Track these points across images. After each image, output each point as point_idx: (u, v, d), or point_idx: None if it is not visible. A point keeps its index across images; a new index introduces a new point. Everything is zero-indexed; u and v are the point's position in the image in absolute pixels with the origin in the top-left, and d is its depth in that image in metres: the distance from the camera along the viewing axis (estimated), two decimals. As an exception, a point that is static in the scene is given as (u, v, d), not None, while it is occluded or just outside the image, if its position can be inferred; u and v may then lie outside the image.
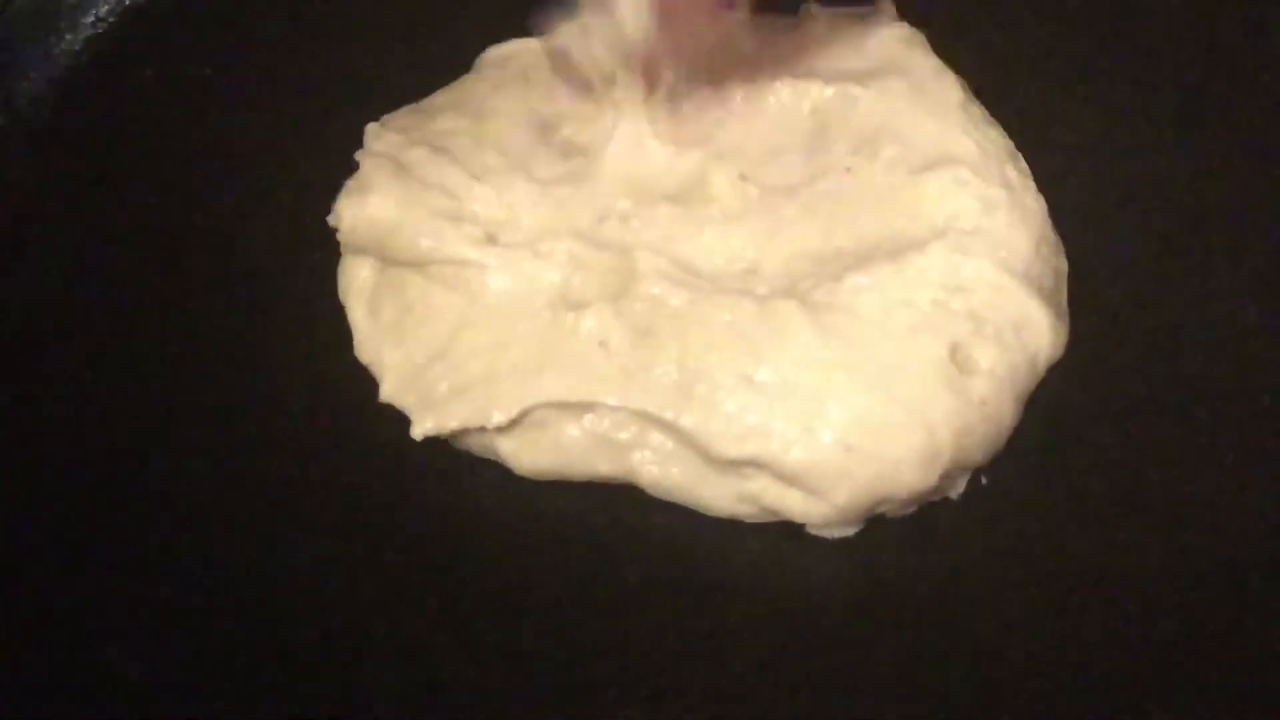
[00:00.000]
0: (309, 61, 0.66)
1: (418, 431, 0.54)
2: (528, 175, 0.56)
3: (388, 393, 0.55)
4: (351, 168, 0.58)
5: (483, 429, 0.53)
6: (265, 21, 0.67)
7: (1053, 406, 0.54)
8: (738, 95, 0.58)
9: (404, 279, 0.56)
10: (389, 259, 0.57)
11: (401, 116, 0.60)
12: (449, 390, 0.54)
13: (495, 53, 0.61)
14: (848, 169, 0.56)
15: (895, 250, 0.54)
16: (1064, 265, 0.56)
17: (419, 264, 0.56)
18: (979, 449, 0.52)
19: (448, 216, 0.56)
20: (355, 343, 0.57)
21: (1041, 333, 0.53)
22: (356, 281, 0.58)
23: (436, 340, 0.55)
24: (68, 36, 0.66)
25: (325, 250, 0.58)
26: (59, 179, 0.63)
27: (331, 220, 0.58)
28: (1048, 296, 0.54)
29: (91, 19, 0.66)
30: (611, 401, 0.52)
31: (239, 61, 0.66)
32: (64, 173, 0.63)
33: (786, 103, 0.58)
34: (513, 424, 0.53)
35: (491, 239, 0.55)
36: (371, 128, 0.59)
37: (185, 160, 0.63)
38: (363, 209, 0.57)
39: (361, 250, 0.58)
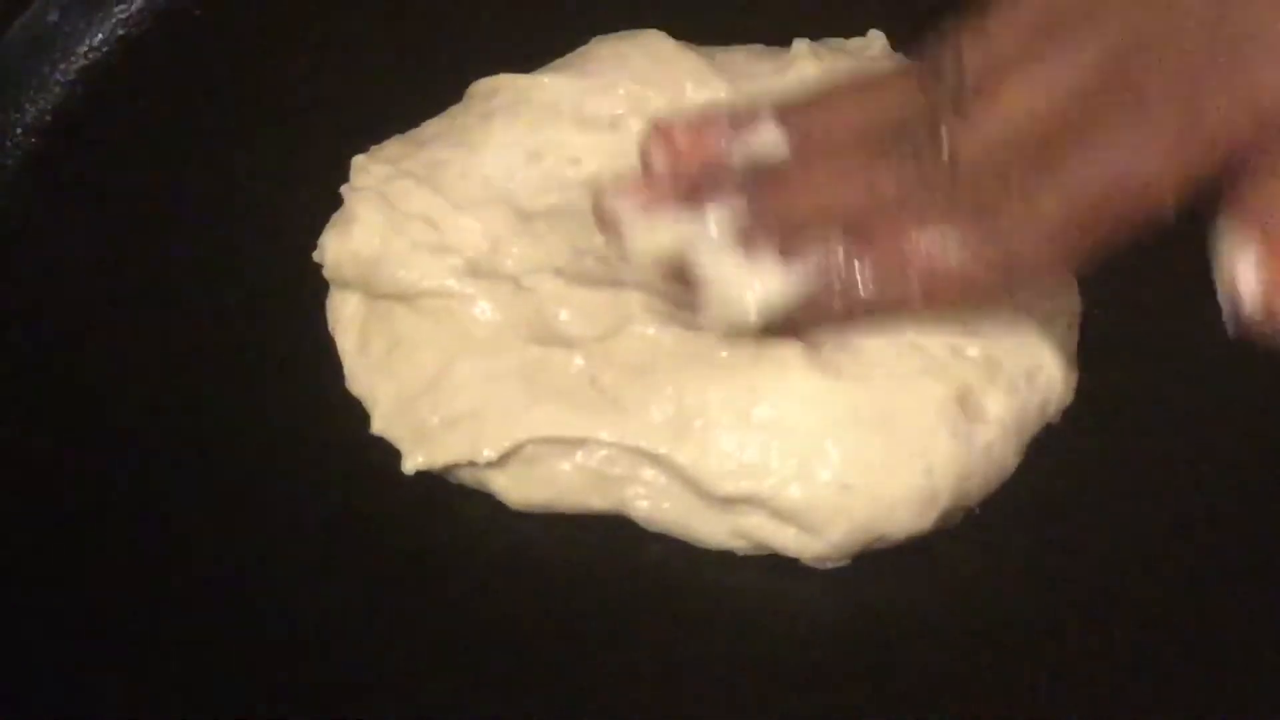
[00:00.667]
0: (304, 92, 0.65)
1: (409, 466, 0.54)
2: (511, 207, 0.57)
3: (379, 426, 0.55)
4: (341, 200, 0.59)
5: (473, 464, 0.53)
6: (258, 52, 0.67)
7: (1051, 437, 0.54)
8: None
9: (392, 311, 0.57)
10: (374, 292, 0.57)
11: (390, 147, 0.60)
12: (439, 424, 0.54)
13: (484, 85, 0.61)
14: None
15: None
16: (1077, 304, 0.56)
17: (403, 296, 0.56)
18: (979, 492, 0.53)
19: (430, 248, 0.56)
20: (346, 375, 0.57)
21: (1054, 380, 0.53)
22: (345, 314, 0.58)
23: (426, 373, 0.55)
24: (61, 66, 0.65)
25: (319, 281, 0.58)
26: (51, 209, 0.63)
27: (316, 256, 0.58)
28: (1061, 341, 0.54)
29: (85, 48, 0.66)
30: (604, 437, 0.52)
31: (233, 92, 0.66)
32: (55, 203, 0.63)
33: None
34: (504, 459, 0.53)
35: (474, 270, 0.55)
36: (358, 160, 0.59)
37: (179, 190, 0.63)
38: (346, 243, 0.57)
39: (347, 284, 0.58)
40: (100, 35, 0.66)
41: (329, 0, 0.68)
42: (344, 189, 0.58)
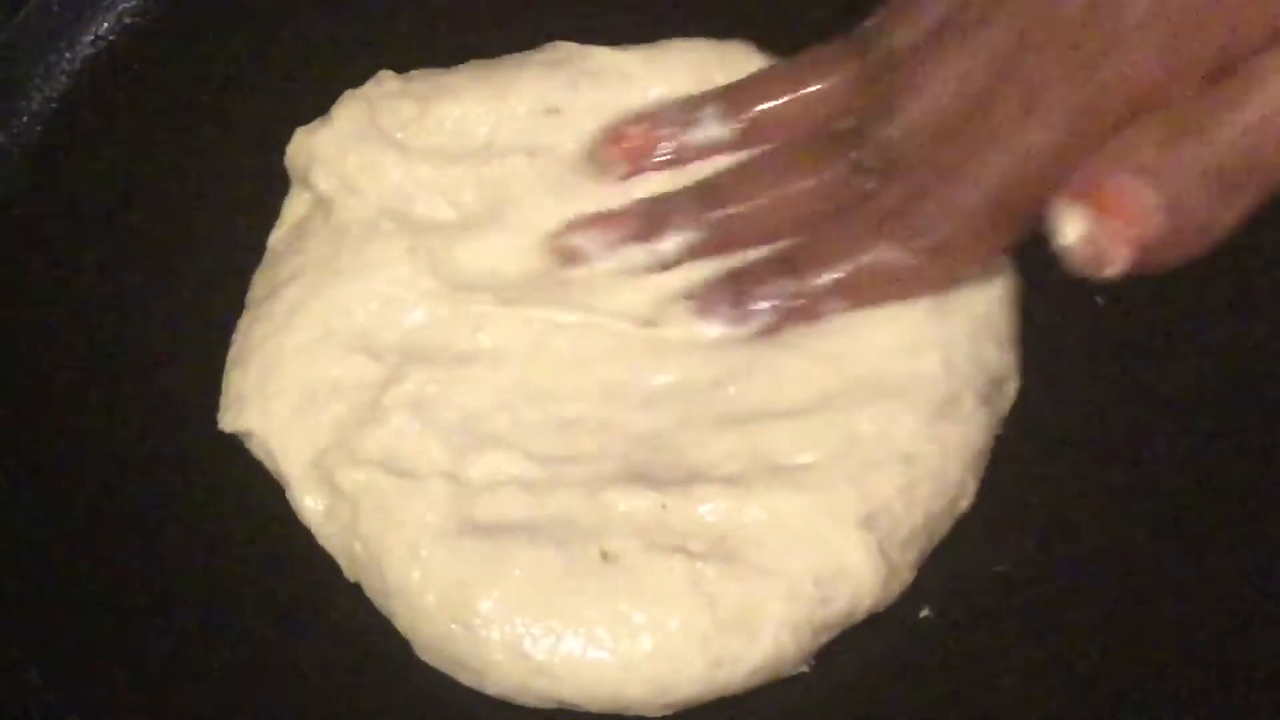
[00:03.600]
0: (314, 81, 0.64)
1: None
2: (473, 162, 0.57)
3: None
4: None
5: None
6: (269, 37, 0.66)
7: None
8: None
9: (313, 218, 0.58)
10: (311, 187, 0.58)
11: (419, 73, 0.61)
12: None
13: (548, 46, 0.61)
14: None
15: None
16: (964, 496, 0.53)
17: (322, 201, 0.57)
18: (754, 684, 0.50)
19: (367, 169, 0.57)
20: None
21: (860, 587, 0.50)
22: (289, 210, 0.60)
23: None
24: (67, 55, 0.66)
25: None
26: (56, 198, 0.64)
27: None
28: (894, 543, 0.51)
29: (91, 37, 0.66)
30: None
31: (242, 78, 0.65)
32: (61, 192, 0.64)
33: None
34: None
35: (391, 213, 0.56)
36: (383, 73, 0.60)
37: (188, 178, 0.63)
38: (308, 139, 0.58)
39: (298, 179, 0.59)
40: (106, 24, 0.66)
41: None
42: (348, 91, 0.60)
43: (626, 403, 0.52)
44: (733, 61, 0.58)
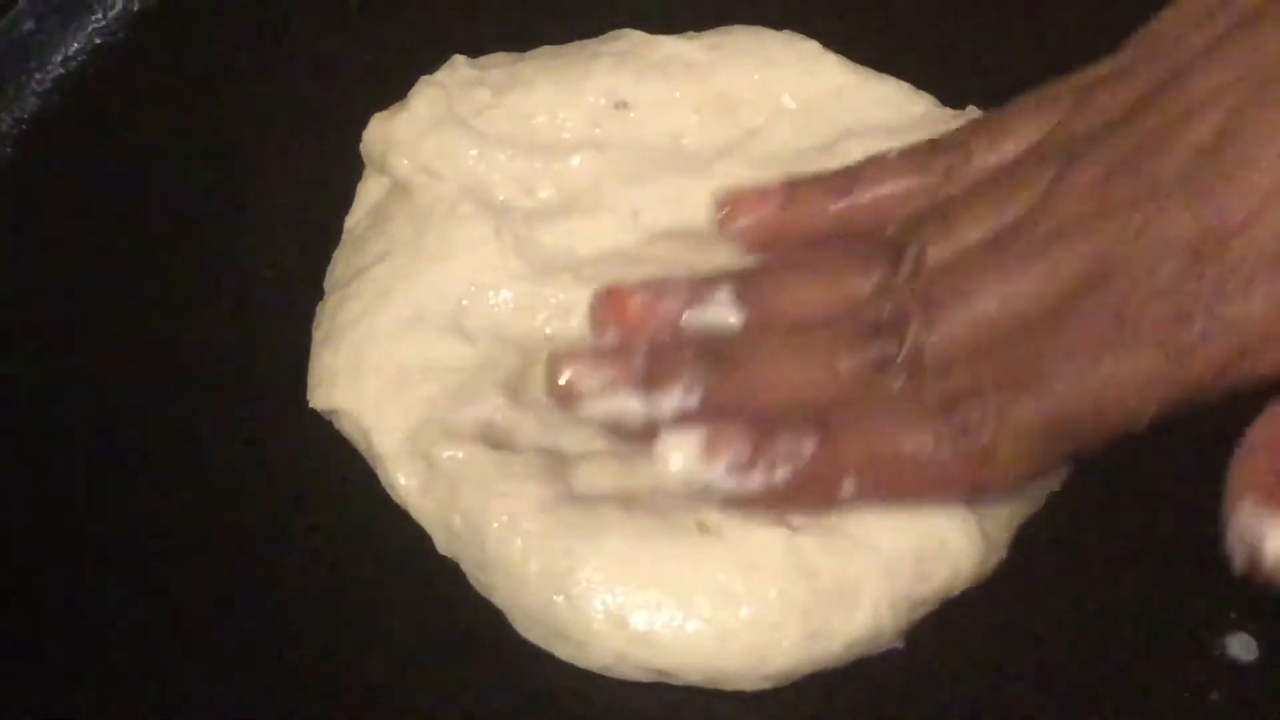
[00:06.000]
0: (290, 104, 0.65)
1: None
2: (549, 154, 0.58)
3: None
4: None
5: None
6: (239, 59, 0.66)
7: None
8: None
9: (392, 203, 0.59)
10: (389, 172, 0.59)
11: (494, 58, 0.62)
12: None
13: (615, 33, 0.62)
14: None
15: None
16: (1058, 475, 0.52)
17: (406, 185, 0.58)
18: (849, 659, 0.51)
19: (451, 157, 0.57)
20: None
21: (959, 562, 0.50)
22: (364, 192, 0.60)
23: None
24: (37, 76, 0.65)
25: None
26: (25, 220, 0.63)
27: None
28: (991, 518, 0.51)
29: (61, 57, 0.65)
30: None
31: (212, 100, 0.65)
32: (30, 214, 0.63)
33: None
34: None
35: (475, 197, 0.57)
36: (458, 57, 0.61)
37: (155, 201, 0.63)
38: (386, 127, 0.59)
39: (373, 163, 0.60)
40: (76, 44, 0.66)
41: (313, 8, 0.68)
42: (423, 78, 0.60)
43: None
44: (802, 55, 0.60)
